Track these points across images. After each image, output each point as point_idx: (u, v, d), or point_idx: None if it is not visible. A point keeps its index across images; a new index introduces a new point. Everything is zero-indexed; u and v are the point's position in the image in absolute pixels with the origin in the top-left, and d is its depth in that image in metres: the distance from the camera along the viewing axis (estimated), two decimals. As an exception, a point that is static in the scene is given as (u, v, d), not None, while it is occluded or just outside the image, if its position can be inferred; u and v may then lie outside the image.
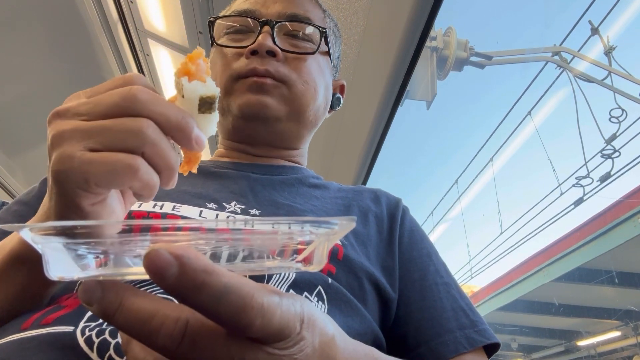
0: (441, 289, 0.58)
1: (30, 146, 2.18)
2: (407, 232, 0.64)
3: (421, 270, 0.60)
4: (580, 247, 8.24)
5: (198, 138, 0.34)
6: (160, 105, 0.32)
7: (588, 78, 6.32)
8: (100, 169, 0.30)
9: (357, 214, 0.64)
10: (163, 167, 0.33)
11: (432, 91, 4.16)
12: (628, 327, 10.59)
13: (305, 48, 0.66)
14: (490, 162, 8.98)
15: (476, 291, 12.46)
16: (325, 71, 0.70)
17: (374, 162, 2.01)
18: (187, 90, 0.34)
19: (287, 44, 0.65)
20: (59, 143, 0.31)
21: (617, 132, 6.16)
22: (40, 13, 1.63)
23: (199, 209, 0.55)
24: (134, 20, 1.67)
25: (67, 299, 0.43)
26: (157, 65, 1.90)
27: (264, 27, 0.63)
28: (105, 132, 0.31)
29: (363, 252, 0.58)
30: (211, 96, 0.35)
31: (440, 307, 0.56)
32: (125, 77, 0.34)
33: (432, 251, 0.64)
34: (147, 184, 0.32)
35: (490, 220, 17.50)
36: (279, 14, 0.66)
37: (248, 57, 0.63)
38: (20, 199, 0.60)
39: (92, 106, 0.32)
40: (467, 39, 5.55)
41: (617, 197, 7.56)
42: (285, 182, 0.66)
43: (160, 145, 0.32)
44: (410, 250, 0.62)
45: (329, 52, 0.71)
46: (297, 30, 0.66)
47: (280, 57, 0.63)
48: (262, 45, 0.61)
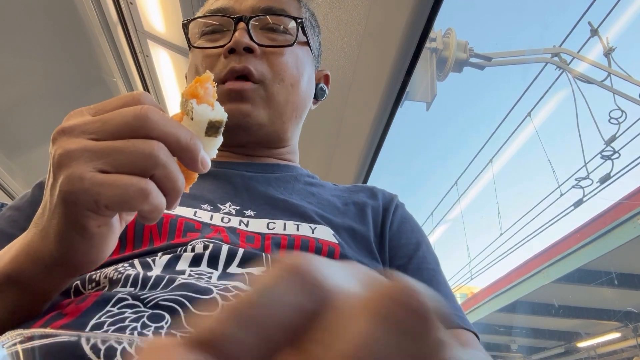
0: (425, 274, 0.58)
1: (29, 147, 2.18)
2: (397, 221, 0.64)
3: (408, 257, 0.59)
4: (580, 248, 8.23)
5: (204, 160, 0.34)
6: (171, 126, 0.32)
7: (588, 79, 6.32)
8: (111, 191, 0.30)
9: (353, 212, 0.63)
10: (171, 189, 0.33)
11: (432, 92, 4.16)
12: (628, 328, 10.57)
13: (283, 41, 0.65)
14: (490, 163, 8.99)
15: (476, 292, 12.45)
16: (306, 62, 0.69)
17: (373, 162, 2.00)
18: (197, 113, 0.35)
19: (264, 38, 0.64)
20: (67, 163, 0.31)
21: (616, 134, 6.17)
22: (40, 14, 1.63)
23: (193, 210, 0.55)
24: (133, 21, 1.66)
25: (68, 305, 0.42)
26: (156, 67, 1.90)
27: (239, 23, 0.62)
28: (116, 154, 0.30)
29: (359, 249, 0.57)
30: (219, 121, 0.36)
31: None
32: (134, 95, 0.34)
33: (422, 241, 0.63)
34: (157, 208, 0.32)
35: (490, 221, 17.49)
36: (253, 9, 0.64)
37: (226, 57, 0.62)
38: (13, 204, 0.59)
39: (100, 124, 0.32)
40: (466, 40, 5.56)
41: (617, 199, 7.56)
42: (281, 179, 0.66)
43: (170, 168, 0.32)
44: (398, 238, 0.62)
45: (308, 43, 0.70)
46: (274, 23, 0.65)
47: (257, 53, 0.62)
48: (239, 43, 0.60)
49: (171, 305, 0.40)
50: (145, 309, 0.40)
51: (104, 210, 0.31)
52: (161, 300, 0.40)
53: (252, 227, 0.55)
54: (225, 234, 0.52)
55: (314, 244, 0.53)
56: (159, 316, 0.39)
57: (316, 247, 0.53)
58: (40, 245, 0.36)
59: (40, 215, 0.37)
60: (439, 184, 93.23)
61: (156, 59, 1.86)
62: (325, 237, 0.55)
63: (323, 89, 0.77)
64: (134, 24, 1.68)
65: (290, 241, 0.53)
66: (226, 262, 0.48)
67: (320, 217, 0.59)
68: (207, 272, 0.46)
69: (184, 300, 0.40)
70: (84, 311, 0.39)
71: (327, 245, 0.53)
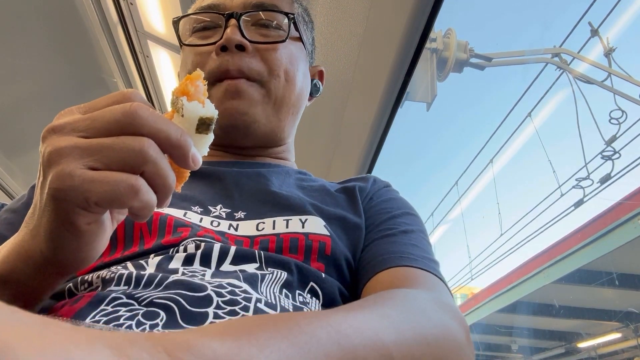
0: (399, 236, 0.57)
1: (29, 147, 2.18)
2: (379, 193, 0.64)
3: (387, 220, 0.59)
4: (580, 248, 8.22)
5: (195, 156, 0.34)
6: (161, 122, 0.32)
7: (588, 79, 6.31)
8: (102, 188, 0.29)
9: (344, 199, 0.63)
10: (161, 186, 0.32)
11: (432, 92, 4.16)
12: (628, 328, 10.56)
13: (275, 36, 0.64)
14: (490, 164, 8.98)
15: (476, 293, 12.44)
16: (300, 58, 0.68)
17: (374, 163, 2.00)
18: (187, 110, 0.35)
19: (256, 35, 0.63)
20: (56, 160, 0.30)
21: (617, 134, 6.16)
22: (40, 14, 1.63)
23: (183, 211, 0.55)
24: (133, 21, 1.66)
25: (62, 307, 0.42)
26: (156, 67, 1.90)
27: (230, 20, 0.61)
28: (106, 150, 0.30)
29: (349, 240, 0.57)
30: (210, 117, 0.36)
31: (392, 242, 0.55)
32: (124, 93, 0.34)
33: (405, 211, 0.62)
34: (147, 205, 0.31)
35: (491, 221, 17.48)
36: (244, 4, 0.64)
37: (218, 54, 0.61)
38: (10, 206, 0.59)
39: (90, 122, 0.31)
40: (467, 40, 5.55)
41: (618, 199, 7.55)
42: (272, 172, 0.65)
43: (160, 164, 0.31)
44: (378, 204, 0.62)
45: (301, 38, 0.69)
46: (266, 18, 0.64)
47: (249, 50, 0.61)
48: (231, 40, 0.60)
49: (166, 302, 0.39)
50: (139, 307, 0.39)
51: (94, 207, 0.31)
52: (155, 298, 0.40)
53: (241, 231, 0.54)
54: (214, 234, 0.52)
55: (303, 242, 0.52)
56: (154, 314, 0.39)
57: (306, 245, 0.52)
58: (30, 244, 0.36)
59: (31, 215, 0.37)
60: (439, 184, 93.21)
61: (156, 59, 1.86)
62: (316, 230, 0.54)
63: (317, 86, 0.76)
64: (134, 24, 1.68)
65: (279, 242, 0.52)
66: (219, 260, 0.48)
67: (311, 206, 0.58)
68: (200, 270, 0.46)
69: (178, 298, 0.40)
70: (78, 311, 0.39)
71: (318, 241, 0.53)
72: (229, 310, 0.40)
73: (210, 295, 0.41)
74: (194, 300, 0.40)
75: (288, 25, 0.64)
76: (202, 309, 0.39)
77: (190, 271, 0.45)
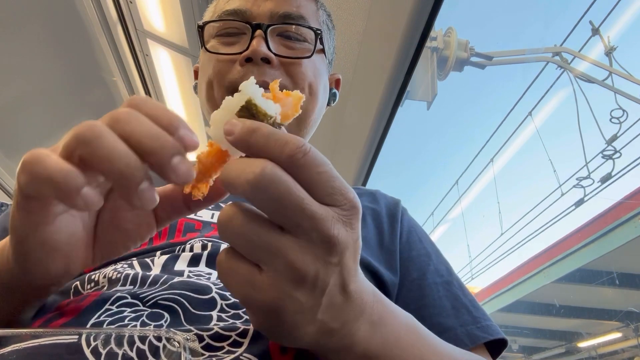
0: (441, 288, 0.57)
1: (29, 147, 2.17)
2: (406, 232, 0.64)
3: (420, 270, 0.59)
4: (581, 248, 8.23)
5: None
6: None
7: (589, 78, 6.31)
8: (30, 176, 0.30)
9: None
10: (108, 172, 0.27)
11: (433, 91, 4.16)
12: (629, 328, 10.57)
13: (301, 50, 0.64)
14: (490, 163, 8.98)
15: (477, 292, 12.45)
16: (322, 70, 0.68)
17: (374, 162, 2.00)
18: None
19: (281, 47, 0.63)
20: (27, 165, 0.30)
21: (618, 133, 6.16)
22: (40, 13, 1.63)
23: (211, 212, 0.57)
24: (133, 20, 1.66)
25: (68, 305, 0.42)
26: (156, 66, 1.90)
27: (257, 30, 0.61)
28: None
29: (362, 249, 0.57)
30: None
31: (439, 306, 0.55)
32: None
33: (431, 251, 0.63)
34: (89, 201, 0.28)
35: (491, 221, 17.47)
36: (272, 14, 0.63)
37: (243, 65, 0.60)
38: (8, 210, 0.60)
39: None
40: (467, 39, 5.55)
41: (618, 198, 7.55)
42: None
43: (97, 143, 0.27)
44: (408, 250, 0.62)
45: (324, 50, 0.69)
46: (291, 30, 0.64)
47: (275, 64, 0.61)
48: (257, 52, 0.59)
49: (170, 304, 0.40)
50: (144, 307, 0.39)
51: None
52: (160, 299, 0.40)
53: None
54: None
55: None
56: (158, 315, 0.39)
57: None
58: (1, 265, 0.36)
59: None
60: (439, 183, 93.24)
61: (156, 58, 1.86)
62: None
63: (335, 94, 0.76)
64: (133, 23, 1.68)
65: None
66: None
67: None
68: (206, 272, 0.46)
69: (182, 300, 0.40)
70: (83, 310, 0.39)
71: None
72: (232, 314, 0.40)
73: (214, 298, 0.41)
74: (198, 303, 0.40)
75: (314, 40, 0.64)
76: (206, 312, 0.40)
77: (196, 274, 0.45)
